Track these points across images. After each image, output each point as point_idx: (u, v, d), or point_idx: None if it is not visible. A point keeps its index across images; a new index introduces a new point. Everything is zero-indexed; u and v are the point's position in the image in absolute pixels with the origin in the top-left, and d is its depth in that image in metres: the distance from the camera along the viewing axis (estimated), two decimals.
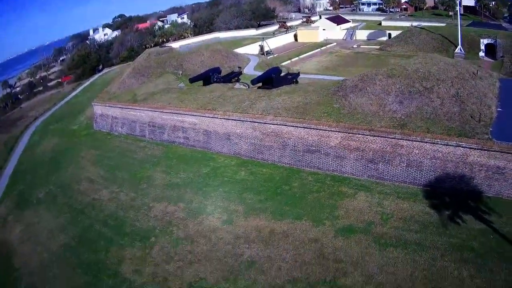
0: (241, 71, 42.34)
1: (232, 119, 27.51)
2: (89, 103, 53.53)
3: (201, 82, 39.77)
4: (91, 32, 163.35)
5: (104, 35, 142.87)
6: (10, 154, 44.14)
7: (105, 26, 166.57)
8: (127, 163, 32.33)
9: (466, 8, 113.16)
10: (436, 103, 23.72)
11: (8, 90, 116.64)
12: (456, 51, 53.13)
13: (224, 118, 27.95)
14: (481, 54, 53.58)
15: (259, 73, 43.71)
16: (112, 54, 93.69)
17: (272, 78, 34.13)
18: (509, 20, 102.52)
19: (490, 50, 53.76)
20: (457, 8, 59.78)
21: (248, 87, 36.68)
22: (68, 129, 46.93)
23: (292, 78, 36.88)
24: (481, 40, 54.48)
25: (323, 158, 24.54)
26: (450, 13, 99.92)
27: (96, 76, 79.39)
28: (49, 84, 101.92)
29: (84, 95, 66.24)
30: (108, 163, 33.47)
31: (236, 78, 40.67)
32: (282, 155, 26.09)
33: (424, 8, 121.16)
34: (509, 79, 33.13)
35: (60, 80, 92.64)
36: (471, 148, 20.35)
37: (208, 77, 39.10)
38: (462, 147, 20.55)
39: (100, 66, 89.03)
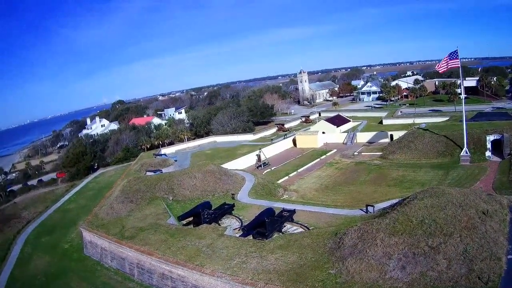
0: (233, 204, 41.60)
1: (221, 282, 26.86)
2: (81, 215, 53.64)
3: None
4: (88, 121, 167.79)
5: (102, 126, 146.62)
6: (3, 263, 43.97)
7: (102, 115, 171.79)
8: None
9: (467, 89, 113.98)
10: (442, 266, 22.61)
11: (3, 176, 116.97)
12: (461, 154, 52.72)
13: (213, 278, 27.24)
14: (488, 154, 52.59)
15: (254, 201, 43.45)
16: (107, 153, 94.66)
17: (266, 222, 32.95)
18: (511, 96, 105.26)
19: (497, 146, 52.85)
20: (462, 103, 58.24)
21: (241, 226, 36.26)
22: (59, 247, 46.55)
23: (288, 216, 35.58)
24: (487, 138, 53.33)
25: None
26: (452, 99, 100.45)
27: (90, 178, 79.96)
28: (44, 178, 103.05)
29: (77, 200, 66.66)
30: None
31: (229, 211, 40.12)
32: None
33: (425, 95, 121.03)
34: None
35: (55, 177, 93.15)
36: None
37: (198, 214, 38.12)
38: None
39: (95, 165, 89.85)
